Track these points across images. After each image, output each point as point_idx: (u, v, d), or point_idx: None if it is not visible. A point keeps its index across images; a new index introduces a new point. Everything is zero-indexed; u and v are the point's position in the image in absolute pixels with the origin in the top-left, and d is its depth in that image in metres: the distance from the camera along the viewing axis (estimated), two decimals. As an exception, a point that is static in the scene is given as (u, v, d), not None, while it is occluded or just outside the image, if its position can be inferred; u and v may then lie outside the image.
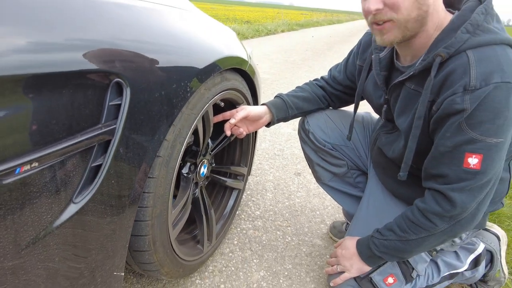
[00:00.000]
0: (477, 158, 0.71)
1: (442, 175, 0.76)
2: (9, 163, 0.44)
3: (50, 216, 0.52)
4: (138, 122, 0.65)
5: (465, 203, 0.74)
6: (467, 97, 0.68)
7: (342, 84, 1.12)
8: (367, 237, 0.94)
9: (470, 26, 0.70)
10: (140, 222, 0.76)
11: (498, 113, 0.68)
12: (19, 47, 0.45)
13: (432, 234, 0.80)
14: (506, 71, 0.67)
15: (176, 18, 0.83)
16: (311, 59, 6.02)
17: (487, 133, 0.69)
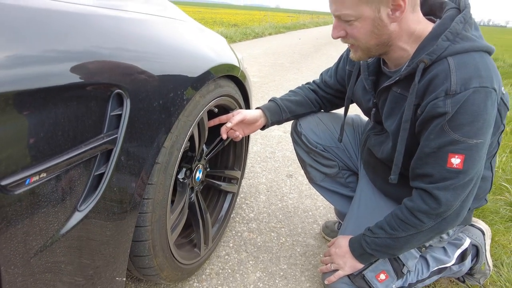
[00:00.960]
0: (459, 158, 0.76)
1: (428, 175, 0.80)
2: (20, 174, 0.46)
3: (57, 224, 0.54)
4: (138, 130, 0.67)
5: (449, 200, 0.79)
6: (449, 101, 0.73)
7: (333, 88, 1.16)
8: (359, 236, 0.97)
9: (450, 34, 0.75)
10: (140, 228, 0.78)
11: (477, 116, 0.73)
12: (25, 62, 0.47)
13: (420, 231, 0.85)
14: (484, 76, 0.73)
15: (173, 29, 0.86)
16: (299, 61, 6.10)
17: (468, 134, 0.74)
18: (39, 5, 0.53)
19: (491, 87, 0.73)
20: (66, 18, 0.56)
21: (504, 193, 1.81)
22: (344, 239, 1.02)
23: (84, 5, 0.62)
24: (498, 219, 1.58)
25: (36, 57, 0.48)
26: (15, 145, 0.45)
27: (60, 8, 0.56)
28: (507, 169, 2.07)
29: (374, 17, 0.76)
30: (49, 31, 0.52)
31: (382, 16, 0.76)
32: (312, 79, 1.27)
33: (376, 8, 0.74)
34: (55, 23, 0.53)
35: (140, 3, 0.86)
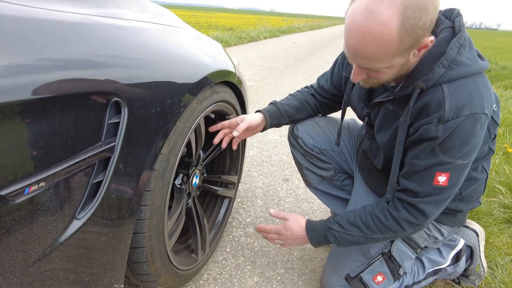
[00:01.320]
0: (445, 176, 0.81)
1: (414, 191, 0.84)
2: (19, 183, 0.46)
3: (55, 232, 0.54)
4: (136, 138, 0.67)
5: (433, 213, 0.85)
6: (441, 126, 0.76)
7: (329, 92, 1.18)
8: (323, 227, 0.97)
9: (446, 61, 0.76)
10: (138, 234, 0.78)
11: (466, 141, 0.77)
12: (23, 71, 0.47)
13: (396, 235, 0.91)
14: (475, 102, 0.75)
15: (170, 36, 0.86)
16: (294, 65, 6.13)
17: (456, 156, 0.79)
18: (38, 15, 0.53)
19: (481, 112, 0.76)
20: (64, 27, 0.56)
21: (498, 195, 1.83)
22: (297, 224, 1.01)
23: (81, 14, 0.63)
24: (492, 221, 1.60)
25: (34, 66, 0.49)
26: (14, 155, 0.46)
27: (58, 17, 0.57)
28: (501, 171, 2.09)
29: (404, 62, 0.76)
30: (47, 40, 0.52)
31: (410, 58, 0.76)
32: (308, 82, 1.29)
33: (407, 54, 0.74)
34: (53, 32, 0.54)
35: (137, 12, 0.86)
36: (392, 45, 0.69)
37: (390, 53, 0.70)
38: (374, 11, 0.66)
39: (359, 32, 0.69)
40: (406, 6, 0.65)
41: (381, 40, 0.68)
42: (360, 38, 0.69)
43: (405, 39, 0.68)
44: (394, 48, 0.69)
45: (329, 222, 0.96)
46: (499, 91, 4.79)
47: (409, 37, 0.68)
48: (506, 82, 5.78)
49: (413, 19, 0.66)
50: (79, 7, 0.65)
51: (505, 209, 1.72)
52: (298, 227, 1.01)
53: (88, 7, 0.68)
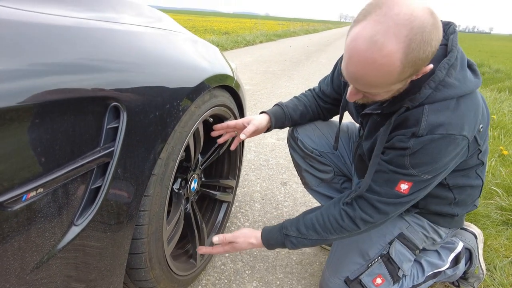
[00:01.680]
0: (408, 185, 0.83)
1: (375, 191, 0.86)
2: (17, 190, 0.45)
3: (54, 239, 0.53)
4: (135, 143, 0.67)
5: (388, 213, 0.87)
6: (413, 140, 0.78)
7: (330, 97, 1.19)
8: (280, 235, 0.96)
9: (433, 82, 0.77)
10: (136, 240, 0.77)
11: (437, 159, 0.79)
12: (21, 77, 0.46)
13: (351, 235, 0.93)
14: (453, 123, 0.76)
15: (168, 40, 0.86)
16: (290, 69, 6.15)
17: (423, 171, 0.81)
18: (36, 19, 0.53)
19: (458, 134, 0.76)
20: (62, 31, 0.56)
21: (495, 197, 1.84)
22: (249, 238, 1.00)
23: (79, 18, 0.63)
24: (490, 223, 1.61)
25: (32, 71, 0.48)
26: (11, 160, 0.45)
27: (56, 22, 0.56)
28: (497, 173, 2.11)
29: (401, 87, 0.76)
30: (45, 44, 0.52)
31: (407, 82, 0.75)
32: (304, 86, 1.30)
33: (406, 81, 0.74)
34: (51, 36, 0.53)
35: (135, 16, 0.86)
36: (393, 75, 0.68)
37: (390, 82, 0.70)
38: (379, 42, 0.64)
39: (362, 61, 0.68)
40: (411, 39, 0.64)
41: (383, 71, 0.67)
42: (362, 66, 0.68)
43: (406, 70, 0.68)
44: (394, 78, 0.69)
45: (285, 229, 0.96)
46: (493, 94, 4.84)
47: (410, 68, 0.68)
48: (500, 84, 5.85)
49: (416, 52, 0.65)
50: (76, 11, 0.65)
51: (502, 211, 1.72)
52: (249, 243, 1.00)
53: (85, 12, 0.68)
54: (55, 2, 0.63)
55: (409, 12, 0.63)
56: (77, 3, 0.69)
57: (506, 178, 2.01)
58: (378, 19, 0.65)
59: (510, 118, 3.37)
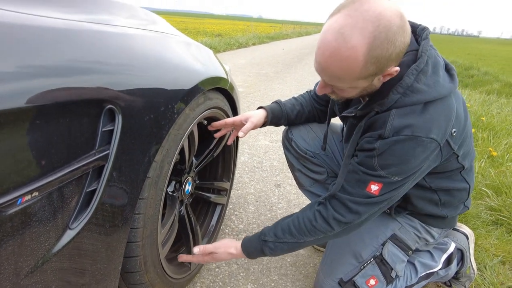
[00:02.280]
0: (378, 186, 0.83)
1: (347, 191, 0.87)
2: (11, 194, 0.45)
3: (48, 243, 0.53)
4: (130, 145, 0.66)
5: (360, 213, 0.86)
6: (379, 141, 0.80)
7: (323, 99, 1.21)
8: (258, 242, 0.96)
9: (401, 88, 0.78)
10: (131, 244, 0.77)
11: (404, 161, 0.79)
12: (14, 79, 0.46)
13: (326, 236, 0.91)
14: (419, 126, 0.77)
15: (163, 43, 0.86)
16: (283, 71, 6.17)
17: (392, 173, 0.81)
18: (30, 21, 0.53)
19: (425, 137, 0.77)
20: (55, 34, 0.56)
21: (484, 198, 1.87)
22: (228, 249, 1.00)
23: (73, 21, 0.62)
24: (480, 223, 1.64)
25: (25, 73, 0.48)
26: (6, 164, 0.44)
27: (49, 24, 0.56)
28: (486, 174, 2.14)
29: (366, 86, 0.79)
30: (38, 47, 0.51)
31: (374, 82, 0.78)
32: (297, 89, 1.32)
33: (370, 79, 0.76)
34: (44, 39, 0.53)
35: (129, 18, 0.86)
36: (355, 70, 0.71)
37: (353, 76, 0.73)
38: (345, 34, 0.68)
39: (328, 52, 0.71)
40: (375, 36, 0.67)
41: (346, 63, 0.70)
42: (327, 56, 0.72)
43: (369, 66, 0.71)
44: (357, 73, 0.72)
45: (263, 235, 0.96)
46: (482, 96, 4.92)
47: (373, 65, 0.71)
48: (488, 87, 5.96)
49: (380, 49, 0.68)
50: (70, 13, 0.65)
51: (491, 211, 1.75)
52: (229, 253, 1.00)
53: (79, 14, 0.67)
54: (49, 4, 0.62)
55: (378, 11, 0.67)
56: (71, 5, 0.68)
57: (495, 179, 2.04)
58: (349, 13, 0.68)
59: (498, 119, 3.44)
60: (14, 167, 0.45)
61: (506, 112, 3.85)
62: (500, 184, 1.96)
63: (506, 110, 3.98)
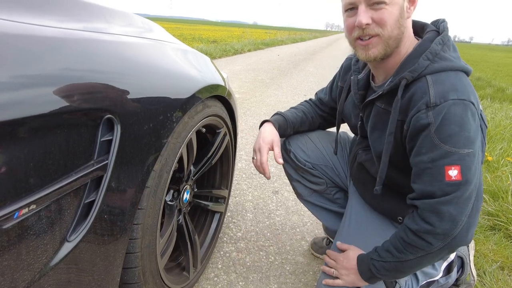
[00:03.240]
0: (456, 170, 0.75)
1: (428, 193, 0.78)
2: (8, 208, 0.43)
3: (46, 257, 0.52)
4: (128, 155, 0.66)
5: (453, 215, 0.76)
6: (430, 112, 0.76)
7: (328, 105, 1.20)
8: (368, 258, 0.93)
9: (430, 54, 0.80)
10: (130, 254, 0.75)
11: (462, 126, 0.75)
12: (12, 89, 0.45)
13: (429, 253, 0.82)
14: (460, 90, 0.77)
15: (161, 51, 0.86)
16: (278, 77, 6.20)
17: (458, 145, 0.75)
18: (28, 31, 0.52)
19: (468, 100, 0.76)
20: (53, 43, 0.55)
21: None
22: (355, 253, 0.99)
23: (70, 29, 0.62)
24: (478, 229, 1.64)
25: (24, 84, 0.47)
26: (2, 177, 0.43)
27: (47, 33, 0.55)
28: (482, 179, 2.15)
29: (401, 5, 0.80)
30: (37, 56, 0.51)
31: (405, 6, 0.81)
32: (293, 95, 1.32)
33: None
34: (42, 48, 0.52)
35: (126, 26, 0.85)
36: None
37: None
38: None
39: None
40: None
41: None
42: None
43: None
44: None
45: (372, 253, 0.92)
46: (476, 101, 4.98)
47: None
48: (482, 92, 6.03)
49: None
50: (66, 22, 0.64)
51: (489, 216, 1.76)
52: (354, 257, 0.97)
53: (75, 22, 0.67)
54: (46, 13, 0.62)
55: None
56: (69, 14, 0.68)
57: (491, 183, 2.05)
58: None
59: (492, 125, 3.47)
60: (11, 179, 0.44)
61: (500, 117, 3.89)
62: (497, 189, 1.97)
63: (499, 115, 4.02)
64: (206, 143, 1.18)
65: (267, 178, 1.10)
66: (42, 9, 0.61)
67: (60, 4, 0.66)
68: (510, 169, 2.31)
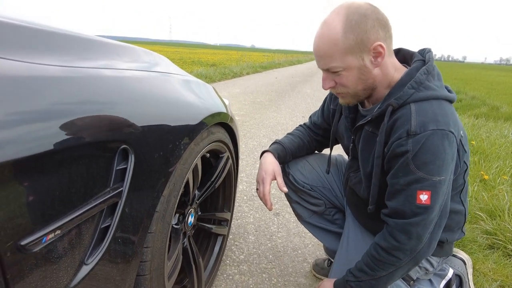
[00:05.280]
0: (427, 195, 0.84)
1: (399, 212, 0.87)
2: (38, 233, 0.48)
3: (66, 279, 0.55)
4: (141, 182, 0.70)
5: (419, 234, 0.86)
6: (410, 140, 0.83)
7: (321, 128, 1.26)
8: (344, 280, 0.99)
9: (415, 83, 0.87)
10: (139, 277, 0.78)
11: (437, 155, 0.82)
12: (40, 126, 0.50)
13: (399, 267, 0.91)
14: (440, 120, 0.83)
15: (170, 83, 0.92)
16: (277, 99, 6.32)
17: (431, 172, 0.83)
18: (48, 72, 0.58)
19: (447, 130, 0.83)
20: (73, 82, 0.61)
21: (479, 222, 1.91)
22: (330, 282, 1.05)
23: (81, 68, 0.67)
24: (477, 248, 1.66)
25: (51, 120, 0.52)
26: (32, 203, 0.48)
27: (67, 73, 0.61)
28: (479, 197, 2.19)
29: (359, 65, 0.86)
30: (61, 96, 0.56)
31: (366, 63, 0.86)
32: (291, 116, 1.38)
33: (360, 57, 0.85)
34: (65, 88, 0.58)
35: (135, 62, 0.92)
36: (338, 41, 0.84)
37: (339, 49, 0.85)
38: (325, 21, 0.88)
39: (316, 38, 0.89)
40: (347, 13, 0.84)
41: (329, 37, 0.85)
42: (316, 41, 0.89)
43: (348, 36, 0.83)
44: (341, 44, 0.84)
45: (346, 275, 0.98)
46: (470, 120, 5.07)
47: (352, 34, 0.83)
48: (477, 111, 6.14)
49: (354, 21, 0.83)
50: (83, 60, 0.70)
51: (487, 235, 1.79)
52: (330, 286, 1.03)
53: (91, 60, 0.73)
54: (63, 53, 0.68)
55: (350, 2, 0.86)
56: (85, 51, 0.74)
57: (488, 202, 2.09)
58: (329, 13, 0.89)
59: (488, 143, 3.54)
60: (40, 206, 0.49)
61: (495, 136, 3.96)
62: (494, 207, 2.01)
63: (494, 134, 4.10)
64: (210, 167, 1.23)
65: (269, 209, 1.14)
66: (68, 51, 0.67)
67: (84, 45, 0.73)
68: (506, 188, 2.35)
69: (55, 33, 0.68)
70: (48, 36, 0.66)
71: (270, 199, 1.14)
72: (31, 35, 0.62)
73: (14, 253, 0.46)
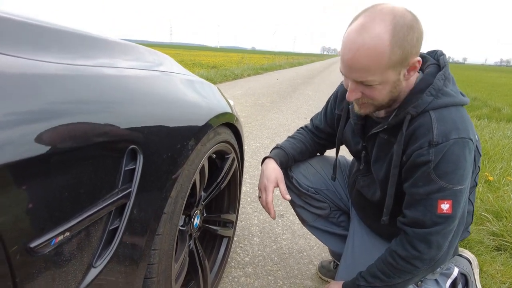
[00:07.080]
0: (448, 204, 0.82)
1: (419, 222, 0.85)
2: (47, 235, 0.47)
3: (74, 282, 0.54)
4: (149, 183, 0.69)
5: (440, 244, 0.85)
6: (432, 150, 0.81)
7: (325, 132, 1.23)
8: (354, 284, 0.97)
9: (433, 90, 0.84)
10: (147, 280, 0.77)
11: (459, 164, 0.81)
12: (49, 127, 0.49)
13: (416, 275, 0.90)
14: (461, 128, 0.82)
15: (178, 84, 0.91)
16: (278, 101, 6.31)
17: (452, 181, 0.81)
18: (58, 70, 0.57)
19: (467, 137, 0.82)
20: (81, 81, 0.60)
21: (485, 223, 1.89)
22: (338, 284, 1.03)
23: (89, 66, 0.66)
24: (484, 249, 1.64)
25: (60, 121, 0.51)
26: (41, 205, 0.47)
27: (76, 71, 0.60)
28: (485, 199, 2.18)
29: (395, 79, 0.81)
30: (71, 95, 0.55)
31: (400, 77, 0.81)
32: (293, 118, 1.36)
33: (398, 71, 0.79)
34: (71, 85, 0.57)
35: (141, 61, 0.91)
36: (384, 55, 0.75)
37: (383, 64, 0.76)
38: (367, 27, 0.75)
39: (354, 45, 0.77)
40: (395, 23, 0.75)
41: (374, 51, 0.75)
42: (355, 51, 0.77)
43: (396, 50, 0.75)
44: (386, 59, 0.76)
45: (357, 280, 0.97)
46: (473, 121, 5.06)
47: (399, 49, 0.75)
48: (479, 112, 6.13)
49: (402, 34, 0.75)
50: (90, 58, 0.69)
51: (494, 236, 1.77)
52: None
53: (98, 58, 0.72)
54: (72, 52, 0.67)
55: (390, 7, 0.77)
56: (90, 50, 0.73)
57: (494, 203, 2.07)
58: (366, 15, 0.77)
59: (491, 144, 3.52)
60: (48, 208, 0.48)
61: (498, 137, 3.95)
62: (500, 208, 1.99)
63: (497, 135, 4.09)
64: (216, 168, 1.22)
65: (272, 218, 1.12)
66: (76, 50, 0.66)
67: (91, 44, 0.72)
68: (511, 188, 2.33)
69: (62, 31, 0.67)
70: (57, 34, 0.65)
71: (273, 208, 1.12)
72: (37, 32, 0.61)
73: (23, 255, 0.44)
